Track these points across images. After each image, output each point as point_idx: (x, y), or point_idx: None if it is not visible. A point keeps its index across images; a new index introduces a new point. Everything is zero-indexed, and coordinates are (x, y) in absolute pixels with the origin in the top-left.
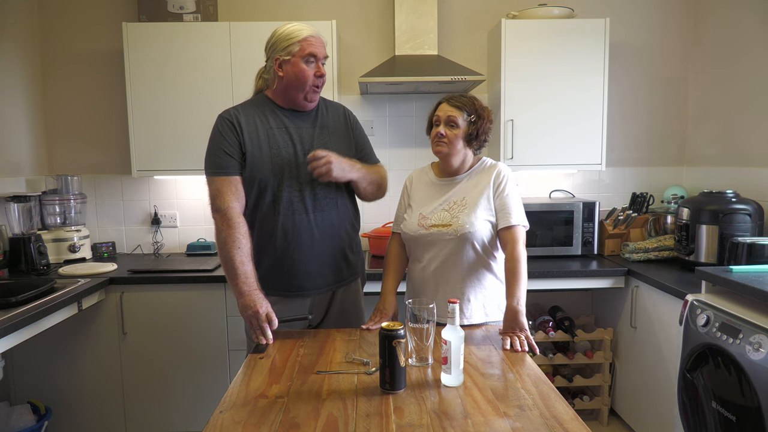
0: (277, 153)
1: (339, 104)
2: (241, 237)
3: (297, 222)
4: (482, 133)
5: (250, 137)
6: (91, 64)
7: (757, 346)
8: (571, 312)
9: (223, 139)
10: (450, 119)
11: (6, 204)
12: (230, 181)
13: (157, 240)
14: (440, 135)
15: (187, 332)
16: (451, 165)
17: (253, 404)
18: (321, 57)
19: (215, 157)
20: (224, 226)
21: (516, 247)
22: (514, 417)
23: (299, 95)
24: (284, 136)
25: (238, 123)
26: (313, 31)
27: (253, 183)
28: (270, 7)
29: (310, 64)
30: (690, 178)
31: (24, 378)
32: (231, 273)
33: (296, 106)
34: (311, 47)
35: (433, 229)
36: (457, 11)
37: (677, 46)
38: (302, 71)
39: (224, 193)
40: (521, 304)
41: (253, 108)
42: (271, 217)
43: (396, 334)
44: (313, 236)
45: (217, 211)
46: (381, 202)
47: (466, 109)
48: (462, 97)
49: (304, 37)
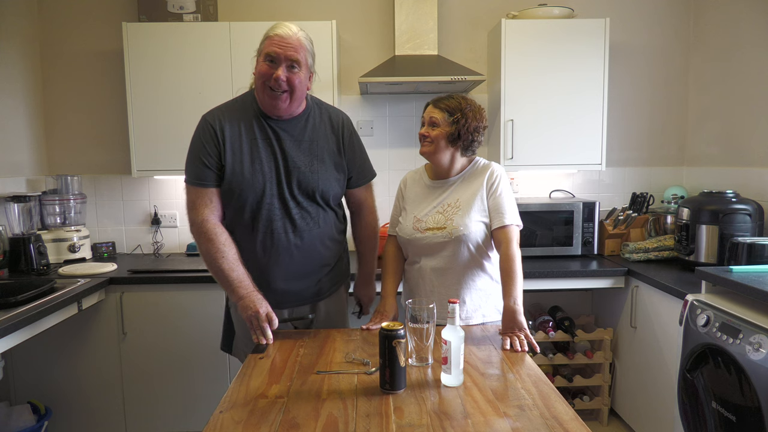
0: (260, 168)
1: (338, 112)
2: (222, 246)
3: (276, 241)
4: (466, 133)
5: (233, 149)
6: (91, 64)
7: (757, 346)
8: (571, 312)
9: (203, 148)
10: (432, 120)
11: (6, 204)
12: (205, 193)
13: (157, 240)
14: (422, 136)
15: (187, 332)
16: (440, 165)
17: (253, 404)
18: (283, 59)
19: (193, 165)
20: (203, 239)
21: (510, 246)
22: (514, 417)
23: (262, 98)
24: (267, 149)
25: (221, 131)
26: (288, 29)
27: (231, 197)
28: (270, 7)
29: (270, 64)
30: (690, 178)
31: (24, 378)
32: (224, 282)
33: (268, 111)
34: (271, 46)
35: (428, 233)
36: (457, 11)
37: (677, 46)
38: (260, 71)
39: (198, 206)
40: (518, 304)
41: (240, 113)
42: (249, 233)
43: (396, 334)
44: (292, 255)
45: (192, 225)
46: (380, 203)
47: (449, 110)
48: (450, 98)
49: (270, 35)
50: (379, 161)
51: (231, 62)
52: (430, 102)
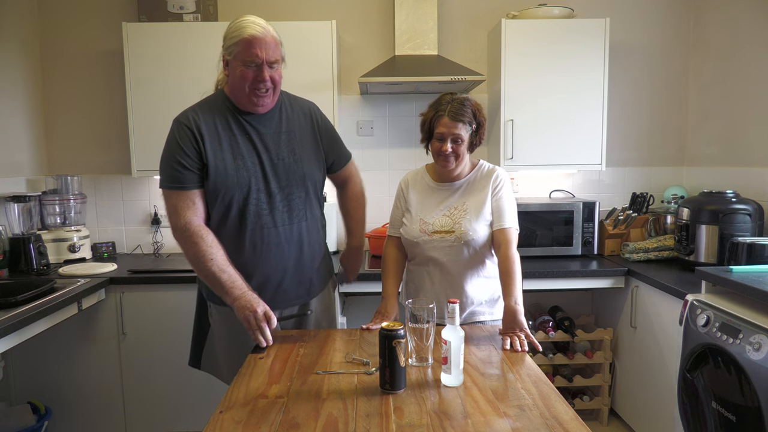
0: (242, 164)
1: (305, 101)
2: (209, 248)
3: (266, 236)
4: (482, 135)
5: (212, 147)
6: (91, 64)
7: (757, 346)
8: (571, 312)
9: (180, 150)
10: (457, 137)
11: (6, 204)
12: (187, 196)
13: (157, 240)
14: (446, 153)
15: (187, 332)
16: (456, 174)
17: (253, 404)
18: (264, 60)
19: (171, 169)
20: (188, 244)
21: (510, 248)
22: (514, 417)
23: (243, 99)
24: (247, 144)
25: (198, 131)
26: (260, 29)
27: (216, 196)
28: (270, 7)
29: (250, 67)
30: (690, 178)
31: (24, 378)
32: (216, 284)
33: (246, 109)
34: (251, 48)
35: (435, 236)
36: (457, 11)
37: (677, 46)
38: (241, 75)
39: (180, 209)
40: (519, 304)
41: (213, 111)
42: (238, 232)
43: (396, 334)
44: (283, 250)
45: (176, 230)
46: (381, 203)
47: (467, 120)
48: (461, 106)
49: (245, 36)
50: (379, 161)
51: None
52: (444, 114)
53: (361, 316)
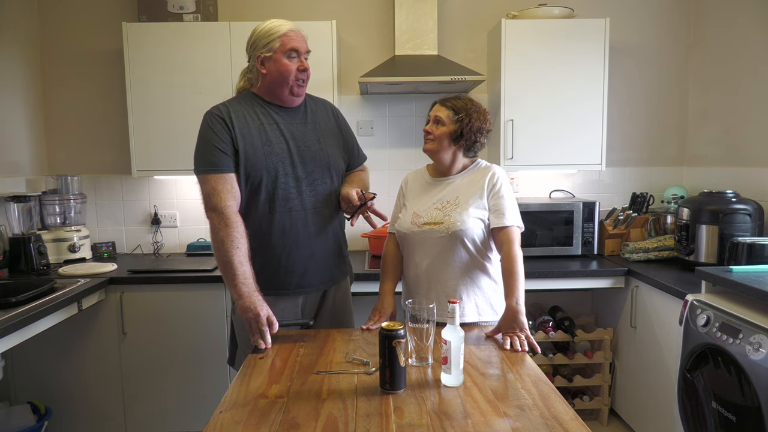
0: (270, 150)
1: (325, 100)
2: (239, 236)
3: (294, 219)
4: (468, 132)
5: (242, 134)
6: (91, 64)
7: (757, 346)
8: (571, 312)
9: (215, 135)
10: (437, 118)
11: (6, 204)
12: (225, 179)
13: (157, 240)
14: (426, 132)
15: (187, 332)
16: (441, 163)
17: (253, 404)
18: (303, 51)
19: (208, 154)
20: (222, 225)
21: (512, 247)
22: (514, 417)
23: (284, 91)
24: (275, 132)
25: (230, 118)
26: (293, 25)
27: (246, 181)
28: (270, 7)
29: (293, 59)
30: (690, 178)
31: (24, 378)
32: (229, 274)
33: (283, 102)
34: (292, 42)
35: (425, 227)
36: (457, 11)
37: (677, 46)
38: (285, 66)
39: (220, 192)
40: (520, 304)
41: (242, 104)
42: (267, 216)
43: (396, 334)
44: (310, 233)
45: (213, 210)
46: (382, 203)
47: (455, 109)
48: (457, 98)
49: (284, 32)
50: (379, 161)
51: (231, 62)
52: (437, 101)
53: (362, 316)
